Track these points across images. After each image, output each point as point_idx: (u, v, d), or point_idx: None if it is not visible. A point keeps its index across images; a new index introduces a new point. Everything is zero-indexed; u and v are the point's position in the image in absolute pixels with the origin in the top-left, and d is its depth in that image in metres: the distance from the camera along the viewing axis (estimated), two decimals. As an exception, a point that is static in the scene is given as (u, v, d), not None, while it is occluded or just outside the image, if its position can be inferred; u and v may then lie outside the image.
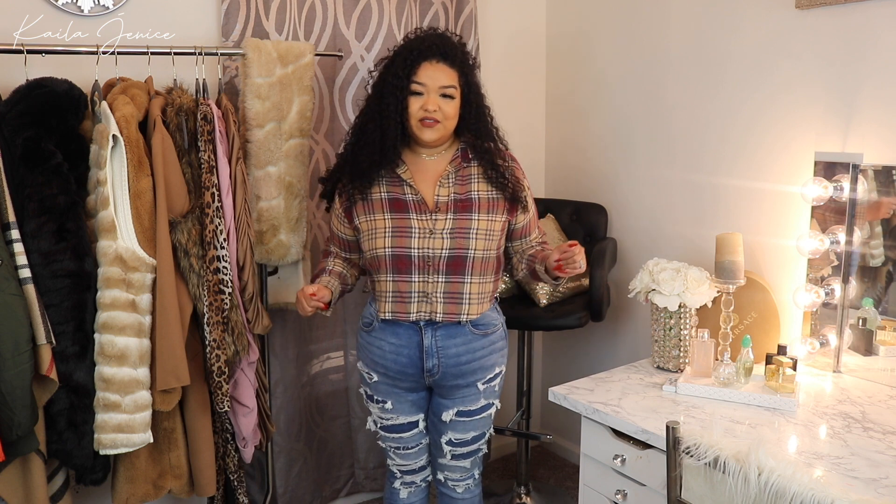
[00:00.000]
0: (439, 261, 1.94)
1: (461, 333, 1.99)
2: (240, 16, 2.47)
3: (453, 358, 2.00)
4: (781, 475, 1.44)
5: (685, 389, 2.09)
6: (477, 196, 1.98)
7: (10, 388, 1.83)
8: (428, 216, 1.95)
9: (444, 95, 1.92)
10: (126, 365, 2.00)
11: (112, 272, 1.99)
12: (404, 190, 1.97)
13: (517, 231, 2.08)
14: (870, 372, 2.16)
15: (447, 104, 1.93)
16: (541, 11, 3.21)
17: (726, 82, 2.52)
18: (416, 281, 1.95)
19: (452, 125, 1.96)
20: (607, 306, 2.74)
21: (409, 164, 2.00)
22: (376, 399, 2.10)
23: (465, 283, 1.96)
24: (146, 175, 2.06)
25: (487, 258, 1.98)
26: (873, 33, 2.12)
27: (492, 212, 1.98)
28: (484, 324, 2.02)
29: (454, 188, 1.98)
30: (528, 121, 3.24)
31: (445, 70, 1.93)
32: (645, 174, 2.85)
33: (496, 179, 1.99)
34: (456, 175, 2.00)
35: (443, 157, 2.02)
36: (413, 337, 1.99)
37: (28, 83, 1.97)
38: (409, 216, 1.95)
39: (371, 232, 1.97)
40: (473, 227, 1.95)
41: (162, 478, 2.24)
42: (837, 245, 2.18)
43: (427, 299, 1.96)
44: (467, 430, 2.08)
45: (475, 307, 1.99)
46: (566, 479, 3.19)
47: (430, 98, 1.91)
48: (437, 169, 2.01)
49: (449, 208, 1.96)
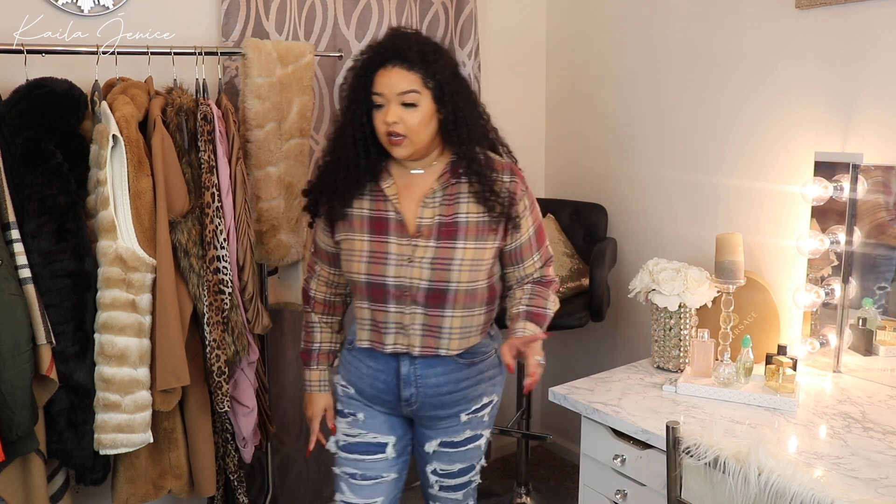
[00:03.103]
0: (417, 292, 1.72)
1: (443, 363, 1.78)
2: (240, 16, 2.47)
3: (433, 388, 1.79)
4: (781, 475, 1.43)
5: (685, 389, 2.09)
6: (465, 220, 1.73)
7: (10, 388, 1.83)
8: (408, 241, 1.72)
9: (405, 104, 1.66)
10: (126, 365, 2.00)
11: (112, 272, 1.99)
12: (387, 207, 1.75)
13: (506, 256, 1.81)
14: (870, 372, 2.16)
15: (410, 114, 1.66)
16: (541, 11, 3.21)
17: (726, 82, 2.52)
18: (392, 311, 1.74)
19: (423, 137, 1.69)
20: (607, 306, 2.74)
21: (395, 178, 1.77)
22: (346, 412, 1.88)
23: (447, 316, 1.74)
24: (146, 175, 2.06)
25: (474, 290, 1.75)
26: (873, 33, 2.12)
27: (481, 238, 1.73)
28: (471, 352, 1.81)
29: (440, 209, 1.73)
30: (528, 121, 3.24)
31: (402, 74, 1.66)
32: (645, 174, 2.85)
33: (485, 196, 1.73)
34: (443, 193, 1.74)
35: (431, 170, 1.77)
36: (390, 363, 1.79)
37: (28, 83, 1.97)
38: (388, 239, 1.73)
39: (349, 252, 1.77)
40: (457, 258, 1.71)
41: (162, 478, 2.24)
42: (837, 245, 2.18)
43: (404, 331, 1.75)
44: (453, 461, 1.88)
45: (457, 342, 1.76)
46: (566, 479, 3.19)
47: (390, 109, 1.66)
48: (424, 185, 1.76)
49: (432, 233, 1.72)
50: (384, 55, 1.68)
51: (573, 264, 2.81)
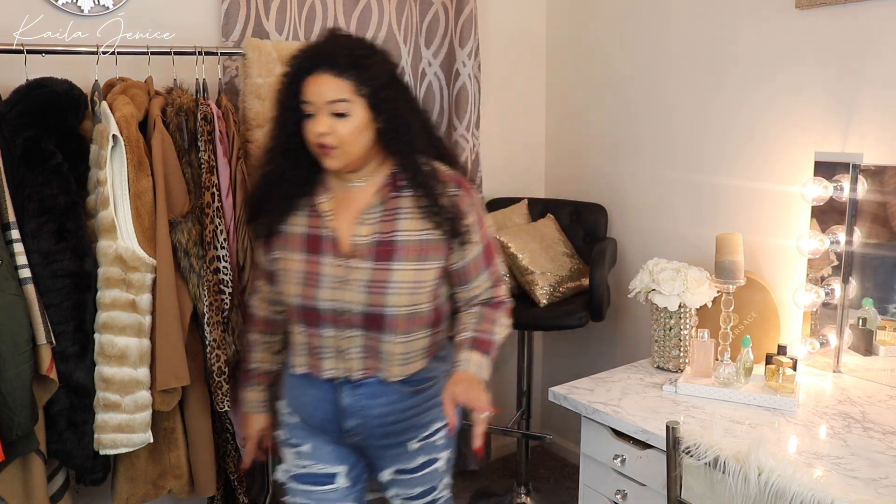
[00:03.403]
0: (353, 316, 1.59)
1: (386, 392, 1.64)
2: (240, 16, 2.47)
3: (377, 419, 1.65)
4: (781, 475, 1.44)
5: (685, 389, 2.09)
6: (405, 238, 1.59)
7: (10, 388, 1.83)
8: (342, 261, 1.60)
9: (336, 114, 1.54)
10: (126, 365, 2.00)
11: (112, 272, 1.99)
12: (322, 224, 1.63)
13: (452, 276, 1.67)
14: (870, 372, 2.16)
15: (340, 124, 1.54)
16: (541, 11, 3.21)
17: (726, 82, 2.52)
18: (327, 336, 1.62)
19: (356, 148, 1.57)
20: (607, 306, 2.74)
21: (334, 192, 1.65)
22: (293, 443, 1.75)
23: (385, 342, 1.61)
24: (146, 175, 2.06)
25: (416, 315, 1.61)
26: (873, 33, 2.12)
27: (423, 258, 1.60)
28: (417, 379, 1.66)
29: (378, 226, 1.60)
30: (528, 121, 3.24)
31: (332, 82, 1.53)
32: (645, 174, 2.85)
33: (430, 210, 1.59)
34: (382, 208, 1.61)
35: (371, 183, 1.64)
36: (329, 393, 1.66)
37: (28, 83, 1.97)
38: (322, 260, 1.61)
39: (283, 273, 1.65)
40: (395, 280, 1.58)
41: (162, 478, 2.24)
42: (837, 245, 2.18)
43: (341, 356, 1.63)
44: (413, 486, 1.75)
45: (398, 368, 1.63)
46: (566, 479, 3.19)
47: (319, 119, 1.54)
48: (362, 199, 1.63)
49: (368, 253, 1.59)
50: (313, 61, 1.56)
51: (573, 264, 2.81)
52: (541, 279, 2.71)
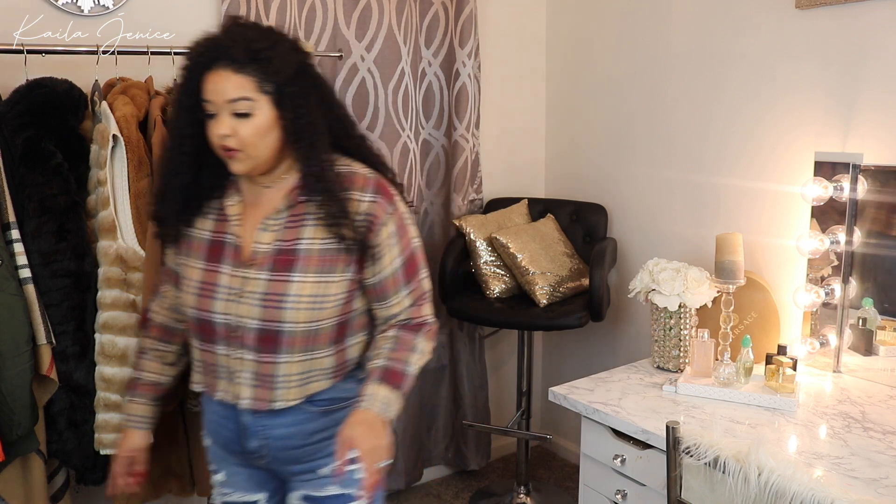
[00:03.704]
0: (246, 333, 1.46)
1: (291, 412, 1.50)
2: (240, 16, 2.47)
3: (280, 441, 1.52)
4: (781, 475, 1.44)
5: (685, 389, 2.09)
6: (308, 247, 1.45)
7: (10, 388, 1.83)
8: (241, 271, 1.47)
9: (237, 114, 1.40)
10: (127, 365, 2.00)
11: (113, 272, 1.99)
12: (227, 228, 1.51)
13: (368, 291, 1.53)
14: (870, 372, 2.16)
15: (242, 124, 1.40)
16: (541, 11, 3.21)
17: (726, 82, 2.52)
18: (220, 354, 1.50)
19: (262, 151, 1.43)
20: (607, 306, 2.74)
21: (244, 194, 1.53)
22: (212, 468, 1.66)
23: (281, 363, 1.47)
24: (146, 175, 2.06)
25: (316, 331, 1.46)
26: (873, 33, 2.12)
27: (326, 269, 1.45)
28: (326, 399, 1.52)
29: (281, 233, 1.47)
30: (528, 121, 3.24)
31: (230, 78, 1.39)
32: (645, 174, 2.85)
33: (334, 218, 1.45)
34: (288, 214, 1.48)
35: (281, 186, 1.50)
36: (230, 410, 1.53)
37: (28, 83, 1.97)
38: (221, 268, 1.48)
39: (183, 280, 1.54)
40: (293, 294, 1.43)
41: (163, 478, 2.24)
42: (837, 245, 2.18)
43: (231, 378, 1.50)
44: None
45: (296, 391, 1.49)
46: (566, 479, 3.19)
47: (220, 120, 1.41)
48: (270, 204, 1.50)
49: (266, 262, 1.46)
50: (210, 55, 1.41)
51: (573, 264, 2.82)
52: (541, 279, 2.71)
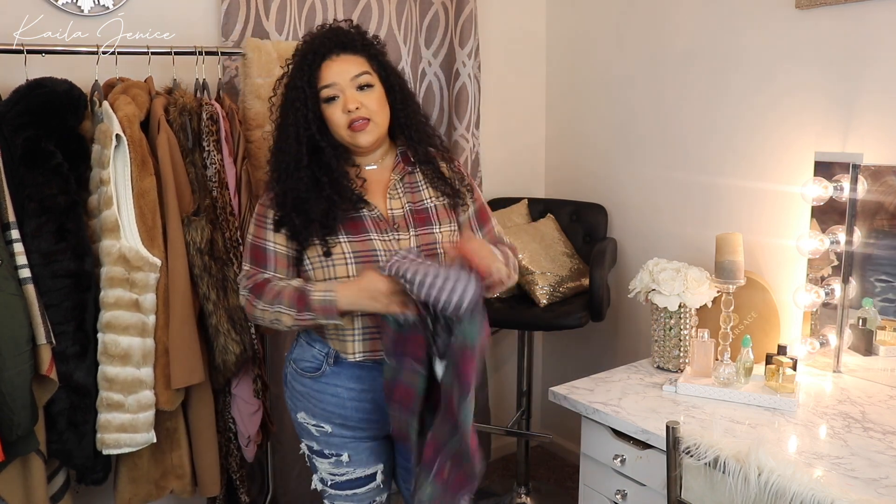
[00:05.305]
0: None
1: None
2: (240, 16, 2.47)
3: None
4: (781, 475, 1.44)
5: (685, 389, 2.09)
6: (433, 204, 1.73)
7: (10, 388, 1.83)
8: (391, 235, 1.67)
9: (361, 87, 1.64)
10: (129, 365, 2.00)
11: (115, 272, 1.99)
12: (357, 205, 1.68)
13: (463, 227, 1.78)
14: (870, 372, 2.16)
15: (368, 96, 1.64)
16: (541, 11, 3.21)
17: (726, 82, 2.52)
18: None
19: (385, 118, 1.68)
20: (607, 306, 2.74)
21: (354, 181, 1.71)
22: (327, 453, 1.77)
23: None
24: (149, 174, 2.06)
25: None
26: (873, 33, 2.12)
27: (448, 221, 1.73)
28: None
29: (406, 197, 1.72)
30: (528, 121, 3.24)
31: (350, 59, 1.64)
32: (645, 174, 2.85)
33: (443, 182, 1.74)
34: (402, 183, 1.73)
35: (384, 165, 1.74)
36: (378, 378, 1.67)
37: (28, 83, 1.97)
38: (370, 237, 1.66)
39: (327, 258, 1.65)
40: (439, 241, 1.69)
41: (164, 478, 2.24)
42: (837, 245, 2.18)
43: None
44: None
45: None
46: (566, 479, 3.19)
47: (348, 96, 1.62)
48: (382, 179, 1.72)
49: (408, 223, 1.69)
50: (326, 47, 1.64)
51: (573, 264, 2.81)
52: (541, 279, 2.71)
